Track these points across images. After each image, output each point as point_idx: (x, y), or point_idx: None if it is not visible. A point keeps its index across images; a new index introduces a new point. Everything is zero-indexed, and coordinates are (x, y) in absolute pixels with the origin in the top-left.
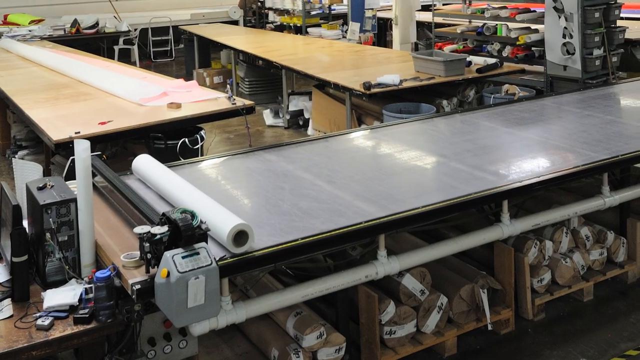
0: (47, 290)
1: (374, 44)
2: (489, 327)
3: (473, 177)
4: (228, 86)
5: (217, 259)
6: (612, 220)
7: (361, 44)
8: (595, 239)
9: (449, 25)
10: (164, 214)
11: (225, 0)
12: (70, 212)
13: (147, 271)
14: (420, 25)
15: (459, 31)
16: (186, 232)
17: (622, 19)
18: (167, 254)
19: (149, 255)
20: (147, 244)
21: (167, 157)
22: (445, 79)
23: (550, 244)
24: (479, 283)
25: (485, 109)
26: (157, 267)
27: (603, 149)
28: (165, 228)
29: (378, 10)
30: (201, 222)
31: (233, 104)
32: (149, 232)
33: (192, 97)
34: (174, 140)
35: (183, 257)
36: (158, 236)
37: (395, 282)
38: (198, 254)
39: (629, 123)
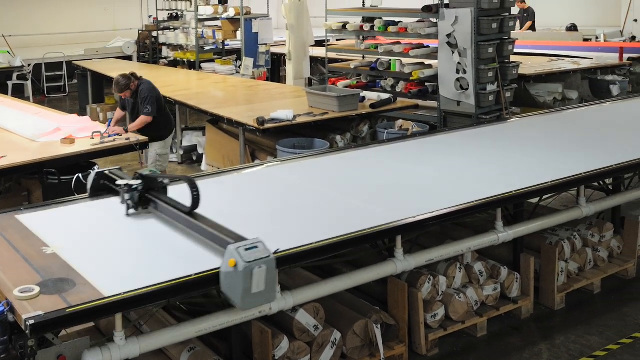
0: None
1: (267, 80)
2: None
3: (367, 213)
4: (105, 125)
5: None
6: (505, 255)
7: (255, 79)
8: (489, 274)
9: (343, 60)
10: (137, 172)
11: (120, 34)
12: None
13: (127, 214)
14: (314, 60)
15: (352, 66)
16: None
17: (515, 54)
18: (232, 247)
19: (128, 202)
20: (127, 194)
21: (61, 192)
22: (339, 114)
23: (443, 280)
24: (373, 318)
25: (379, 144)
26: (134, 209)
27: (496, 185)
28: (139, 181)
29: (272, 46)
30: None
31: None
32: (127, 183)
33: (86, 132)
34: (68, 175)
35: (246, 250)
36: (134, 186)
37: (289, 317)
38: (257, 247)
39: (522, 159)
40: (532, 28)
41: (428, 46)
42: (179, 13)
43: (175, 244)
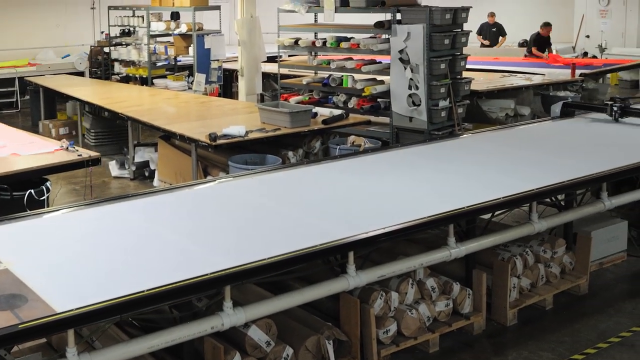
0: None
1: (219, 95)
2: None
3: (319, 229)
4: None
5: None
6: (458, 271)
7: (207, 95)
8: (441, 290)
9: (295, 76)
10: None
11: (71, 50)
12: None
13: None
14: (266, 76)
15: (304, 82)
16: None
17: (467, 70)
18: None
19: None
20: None
21: (13, 208)
22: (291, 130)
23: (396, 295)
24: (325, 334)
25: (331, 160)
26: None
27: (448, 200)
28: None
29: (224, 62)
30: None
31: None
32: None
33: (37, 148)
34: (20, 191)
35: None
36: None
37: (241, 333)
38: None
39: (474, 174)
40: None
41: (380, 62)
42: (131, 29)
43: (128, 259)
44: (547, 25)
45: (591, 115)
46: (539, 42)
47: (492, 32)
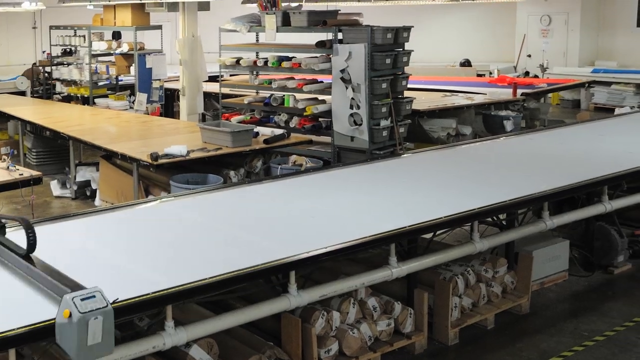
0: None
1: (161, 115)
2: None
3: (260, 248)
4: (7, 157)
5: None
6: (399, 290)
7: (148, 114)
8: (383, 310)
9: (237, 95)
10: None
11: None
12: None
13: None
14: (207, 95)
15: (246, 102)
16: None
17: (409, 89)
18: (67, 297)
19: None
20: None
21: None
22: (233, 149)
23: (337, 315)
24: (267, 354)
25: (273, 179)
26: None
27: (390, 220)
28: None
29: (165, 81)
30: None
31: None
32: None
33: None
34: None
35: (82, 299)
36: None
37: (183, 352)
38: (94, 296)
39: (416, 194)
40: None
41: (322, 81)
42: (73, 48)
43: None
44: None
45: (532, 135)
46: None
47: None
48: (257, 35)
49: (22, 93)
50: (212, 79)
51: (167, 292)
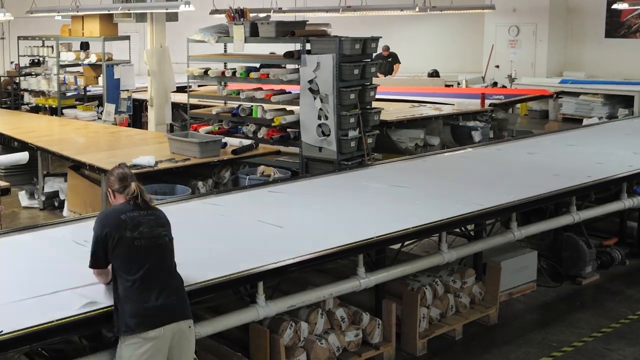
0: None
1: (129, 125)
2: None
3: (228, 258)
4: None
5: None
6: (367, 301)
7: (116, 125)
8: (351, 320)
9: (205, 106)
10: None
11: None
12: None
13: None
14: (175, 106)
15: (214, 112)
16: None
17: (377, 100)
18: None
19: None
20: None
21: None
22: (201, 160)
23: (305, 325)
24: None
25: (241, 190)
26: None
27: (358, 230)
28: None
29: (133, 92)
30: None
31: None
32: None
33: None
34: None
35: None
36: None
37: None
38: None
39: (382, 205)
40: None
41: (290, 92)
42: (41, 59)
43: (38, 289)
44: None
45: (500, 145)
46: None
47: (388, 63)
48: (225, 45)
49: None
50: (180, 89)
51: None
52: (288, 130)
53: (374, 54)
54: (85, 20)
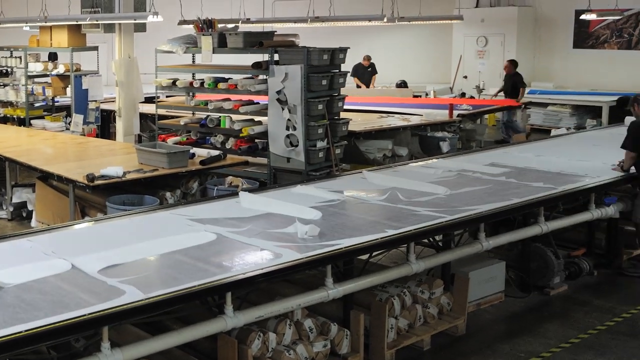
0: None
1: (97, 136)
2: None
3: (196, 269)
4: None
5: None
6: (335, 312)
7: (85, 135)
8: (319, 331)
9: (173, 117)
10: None
11: None
12: None
13: None
14: (143, 117)
15: (182, 123)
16: None
17: (345, 110)
18: None
19: None
20: None
21: None
22: (169, 170)
23: (273, 336)
24: None
25: (209, 201)
26: None
27: (326, 241)
28: None
29: (101, 102)
30: None
31: None
32: None
33: None
34: None
35: None
36: None
37: None
38: None
39: (352, 215)
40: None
41: (258, 103)
42: (9, 69)
43: (7, 299)
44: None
45: (468, 156)
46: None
47: (368, 73)
48: (193, 56)
49: None
50: (149, 100)
51: (103, 314)
52: (256, 140)
53: (355, 64)
54: (53, 30)
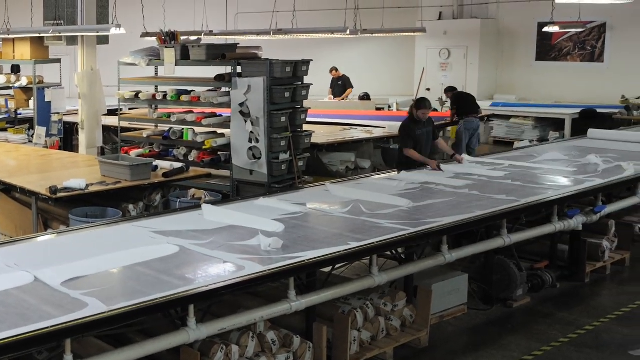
0: None
1: (60, 148)
2: None
3: (159, 281)
4: None
5: None
6: (298, 324)
7: (47, 148)
8: (282, 343)
9: (136, 129)
10: None
11: None
12: None
13: None
14: (106, 129)
15: (145, 135)
16: None
17: (308, 123)
18: None
19: None
20: None
21: None
22: (132, 183)
23: (236, 349)
24: None
25: (172, 213)
26: None
27: (289, 254)
28: None
29: (64, 115)
30: None
31: None
32: None
33: None
34: None
35: None
36: None
37: None
38: None
39: (315, 227)
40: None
41: (221, 115)
42: None
43: None
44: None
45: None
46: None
47: (339, 86)
48: (156, 68)
49: None
50: (112, 112)
51: (66, 326)
52: (219, 153)
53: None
54: (16, 43)
